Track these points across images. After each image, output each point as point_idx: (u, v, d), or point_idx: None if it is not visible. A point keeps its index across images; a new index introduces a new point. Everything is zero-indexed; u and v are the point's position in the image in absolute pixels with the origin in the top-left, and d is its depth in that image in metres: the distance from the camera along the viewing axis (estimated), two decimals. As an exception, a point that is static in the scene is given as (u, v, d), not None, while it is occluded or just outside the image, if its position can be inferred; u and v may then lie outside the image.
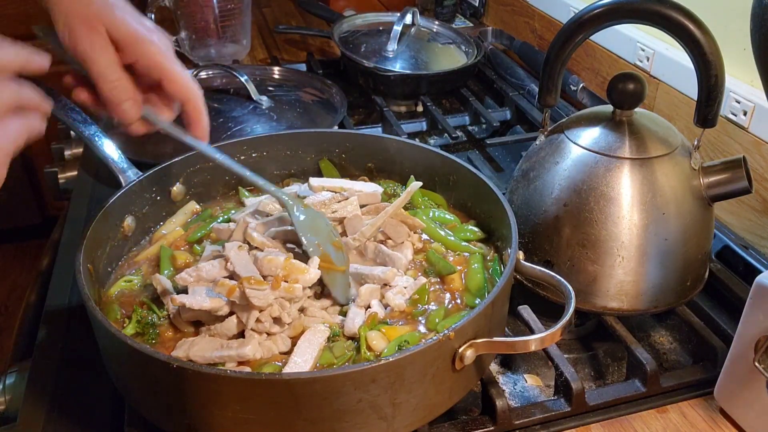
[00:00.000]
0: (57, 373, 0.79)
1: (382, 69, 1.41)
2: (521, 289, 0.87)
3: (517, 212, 0.84)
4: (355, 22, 1.61)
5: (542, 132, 0.90)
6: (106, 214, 0.79)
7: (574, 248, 0.82)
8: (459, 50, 1.55)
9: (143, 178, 0.85)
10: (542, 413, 0.75)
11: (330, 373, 0.59)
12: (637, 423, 0.76)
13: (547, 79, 0.86)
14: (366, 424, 0.62)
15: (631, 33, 1.25)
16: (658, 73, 1.20)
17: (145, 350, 0.61)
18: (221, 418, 0.61)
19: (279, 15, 2.01)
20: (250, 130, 1.23)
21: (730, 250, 0.98)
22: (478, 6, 1.85)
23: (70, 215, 1.07)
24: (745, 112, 1.01)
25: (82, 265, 0.70)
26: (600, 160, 0.81)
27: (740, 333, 0.71)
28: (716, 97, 0.77)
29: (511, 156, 1.31)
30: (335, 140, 0.97)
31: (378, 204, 0.88)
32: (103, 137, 1.00)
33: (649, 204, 0.80)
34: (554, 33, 0.85)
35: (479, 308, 0.65)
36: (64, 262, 0.97)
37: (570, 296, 0.68)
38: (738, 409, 0.74)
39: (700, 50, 0.75)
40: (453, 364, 0.65)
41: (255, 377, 0.60)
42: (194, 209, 0.91)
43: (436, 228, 0.85)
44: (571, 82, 1.39)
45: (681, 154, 0.83)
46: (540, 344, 0.65)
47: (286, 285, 0.71)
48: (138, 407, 0.69)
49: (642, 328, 0.90)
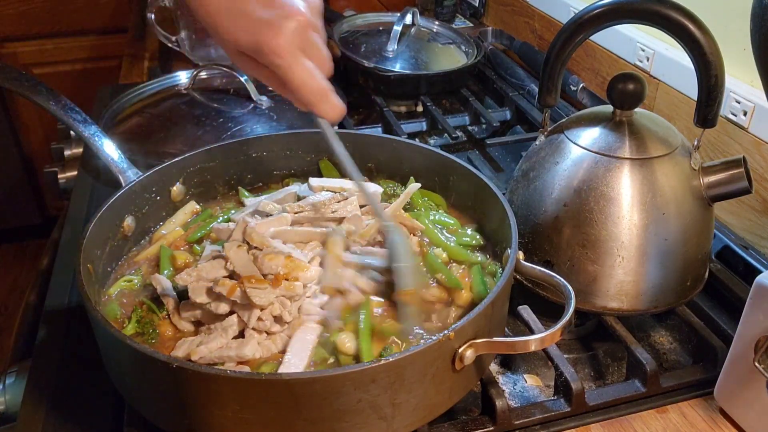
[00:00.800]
0: (57, 373, 0.79)
1: (382, 69, 1.41)
2: (521, 289, 0.87)
3: (517, 212, 0.84)
4: (355, 22, 1.61)
5: (542, 132, 0.90)
6: (106, 214, 0.78)
7: (574, 248, 0.82)
8: (459, 50, 1.55)
9: (143, 178, 0.85)
10: (542, 413, 0.75)
11: (330, 373, 0.59)
12: (637, 423, 0.76)
13: (547, 79, 0.86)
14: (366, 424, 0.62)
15: (631, 33, 1.25)
16: (658, 73, 1.20)
17: (145, 350, 0.61)
18: (221, 418, 0.61)
19: (279, 15, 2.00)
20: (250, 130, 1.23)
21: (730, 250, 0.98)
22: (478, 6, 1.85)
23: (70, 215, 1.07)
24: (745, 112, 1.01)
25: (82, 265, 0.70)
26: (600, 160, 0.81)
27: (740, 333, 0.71)
28: (716, 97, 0.77)
29: (511, 156, 1.31)
30: (335, 140, 0.97)
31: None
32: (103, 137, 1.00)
33: (649, 204, 0.80)
34: (554, 33, 0.85)
35: (479, 308, 0.65)
36: (64, 262, 0.97)
37: (570, 296, 0.68)
38: (738, 409, 0.74)
39: (700, 50, 0.75)
40: (453, 364, 0.65)
41: (255, 377, 0.60)
42: (194, 209, 0.91)
43: (436, 231, 0.85)
44: (571, 82, 1.39)
45: (681, 154, 0.83)
46: (540, 344, 0.65)
47: (287, 283, 0.71)
48: (138, 407, 0.69)
49: (642, 328, 0.90)
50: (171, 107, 1.31)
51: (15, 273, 2.75)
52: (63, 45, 2.44)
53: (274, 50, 0.63)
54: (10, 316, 2.52)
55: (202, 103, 1.32)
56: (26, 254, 2.83)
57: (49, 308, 0.89)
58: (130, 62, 1.69)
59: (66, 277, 0.94)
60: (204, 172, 0.92)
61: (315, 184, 0.90)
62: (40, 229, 2.63)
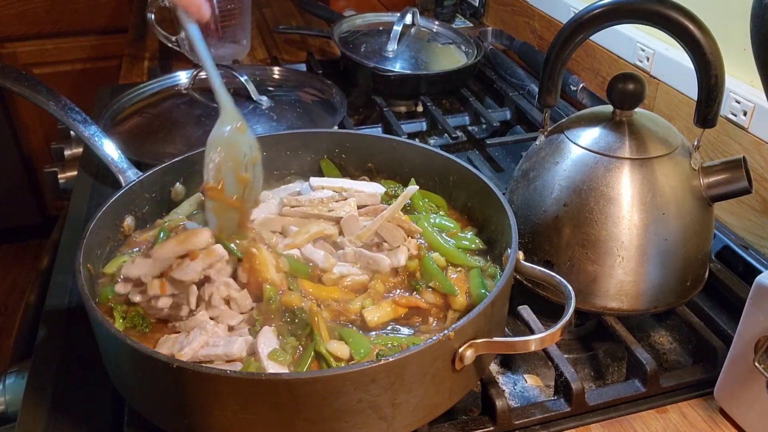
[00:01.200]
0: (57, 373, 0.79)
1: (382, 69, 1.41)
2: (521, 289, 0.87)
3: (517, 212, 0.84)
4: (355, 22, 1.61)
5: (542, 132, 0.90)
6: (106, 214, 0.79)
7: (574, 248, 0.82)
8: (459, 50, 1.55)
9: (143, 178, 0.85)
10: (542, 413, 0.75)
11: (330, 373, 0.59)
12: (637, 423, 0.76)
13: (547, 79, 0.86)
14: (366, 424, 0.62)
15: (631, 33, 1.25)
16: (658, 73, 1.20)
17: (145, 350, 0.61)
18: (221, 418, 0.61)
19: (279, 15, 2.01)
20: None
21: (730, 250, 0.98)
22: (478, 6, 1.85)
23: (70, 215, 1.07)
24: (745, 112, 1.01)
25: (82, 265, 0.70)
26: (600, 160, 0.81)
27: (740, 333, 0.71)
28: (716, 97, 0.77)
29: (511, 156, 1.31)
30: (335, 140, 0.97)
31: (377, 206, 0.88)
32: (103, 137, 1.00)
33: (649, 204, 0.80)
34: (554, 33, 0.85)
35: (479, 308, 0.65)
36: (64, 262, 0.97)
37: (570, 296, 0.68)
38: (738, 409, 0.74)
39: (700, 50, 0.75)
40: (453, 364, 0.65)
41: (255, 377, 0.60)
42: (200, 201, 0.91)
43: (435, 235, 0.84)
44: (571, 82, 1.39)
45: (681, 154, 0.83)
46: (540, 344, 0.65)
47: (204, 252, 0.70)
48: (138, 407, 0.69)
49: (642, 328, 0.90)
50: (171, 107, 1.31)
51: (15, 273, 2.75)
52: (63, 45, 2.44)
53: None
54: (10, 316, 2.52)
55: (202, 103, 1.32)
56: (26, 254, 2.83)
57: (49, 308, 0.89)
58: (130, 62, 1.69)
59: (66, 277, 0.94)
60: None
61: (315, 184, 0.90)
62: (40, 229, 2.64)
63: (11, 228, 2.78)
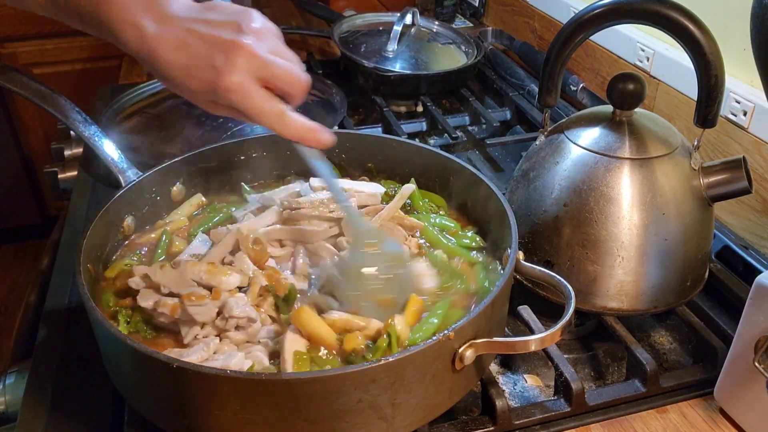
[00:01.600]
0: (57, 373, 0.79)
1: (382, 69, 1.41)
2: (521, 289, 0.87)
3: (517, 212, 0.84)
4: (355, 22, 1.61)
5: (542, 132, 0.90)
6: (106, 214, 0.79)
7: (574, 248, 0.82)
8: (459, 50, 1.55)
9: (143, 178, 0.85)
10: (542, 413, 0.75)
11: (330, 373, 0.59)
12: (637, 423, 0.76)
13: (547, 79, 0.86)
14: (366, 424, 0.62)
15: (631, 33, 1.25)
16: (658, 73, 1.20)
17: (146, 350, 0.61)
18: (221, 418, 0.61)
19: (279, 15, 2.01)
20: (250, 130, 1.23)
21: (730, 250, 0.98)
22: (478, 6, 1.85)
23: (70, 215, 1.07)
24: (745, 112, 1.01)
25: (82, 265, 0.70)
26: (600, 161, 0.81)
27: (740, 333, 0.71)
28: (716, 97, 0.77)
29: (511, 156, 1.31)
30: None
31: (377, 206, 0.88)
32: (103, 137, 1.00)
33: (649, 204, 0.80)
34: (554, 33, 0.85)
35: (479, 308, 0.65)
36: (64, 262, 0.97)
37: (570, 296, 0.68)
38: (738, 409, 0.74)
39: (700, 50, 0.75)
40: (453, 364, 0.65)
41: (255, 377, 0.60)
42: (200, 201, 0.91)
43: (435, 233, 0.84)
44: (571, 82, 1.39)
45: (681, 154, 0.83)
46: (540, 344, 0.65)
47: (226, 294, 0.70)
48: (138, 407, 0.69)
49: (642, 328, 0.90)
50: (171, 107, 1.31)
51: (15, 273, 2.75)
52: (63, 45, 2.43)
53: (225, 89, 0.62)
54: (10, 316, 2.52)
55: (202, 103, 1.31)
56: (26, 254, 2.83)
57: (49, 308, 0.89)
58: (130, 62, 1.69)
59: (66, 277, 0.94)
60: (204, 172, 0.92)
61: (315, 184, 0.90)
62: (40, 229, 2.63)
63: (11, 228, 2.78)
